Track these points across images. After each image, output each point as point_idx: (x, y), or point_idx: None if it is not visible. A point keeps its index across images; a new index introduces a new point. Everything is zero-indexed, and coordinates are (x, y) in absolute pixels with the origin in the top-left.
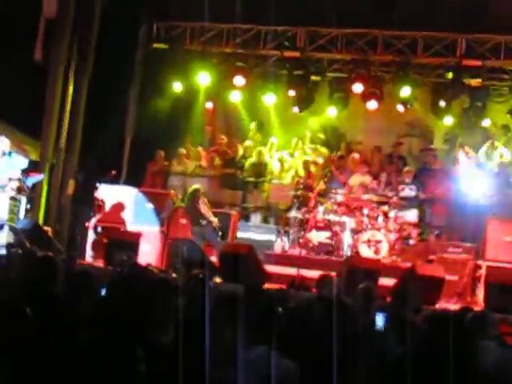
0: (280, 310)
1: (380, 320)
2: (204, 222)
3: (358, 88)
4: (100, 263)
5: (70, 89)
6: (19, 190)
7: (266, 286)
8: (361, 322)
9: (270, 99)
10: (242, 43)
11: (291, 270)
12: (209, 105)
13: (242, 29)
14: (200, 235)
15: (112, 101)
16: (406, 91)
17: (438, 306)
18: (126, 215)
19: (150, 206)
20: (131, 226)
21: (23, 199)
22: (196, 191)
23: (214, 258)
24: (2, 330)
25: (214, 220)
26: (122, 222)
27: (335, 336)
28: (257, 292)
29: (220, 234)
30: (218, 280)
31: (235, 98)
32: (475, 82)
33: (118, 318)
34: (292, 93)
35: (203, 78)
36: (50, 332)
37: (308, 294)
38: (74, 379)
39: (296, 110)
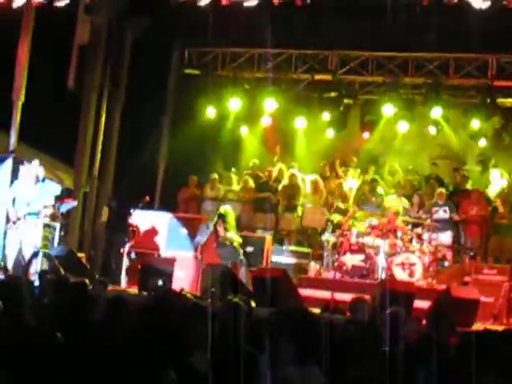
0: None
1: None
2: (226, 242)
3: (388, 110)
4: (134, 289)
5: (103, 116)
6: (53, 217)
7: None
8: (390, 348)
9: (301, 123)
10: (274, 68)
11: (325, 294)
12: (244, 129)
13: (272, 53)
14: (224, 257)
15: (145, 127)
16: (437, 112)
17: (473, 328)
18: (160, 241)
19: (184, 231)
20: (165, 252)
21: (57, 226)
22: (220, 215)
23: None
24: (33, 355)
25: (237, 239)
26: (156, 248)
27: (367, 359)
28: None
29: (241, 252)
30: (252, 304)
31: (266, 122)
32: (507, 102)
33: (152, 343)
34: (326, 116)
35: (235, 104)
36: (83, 357)
37: (342, 317)
38: None
39: (330, 132)
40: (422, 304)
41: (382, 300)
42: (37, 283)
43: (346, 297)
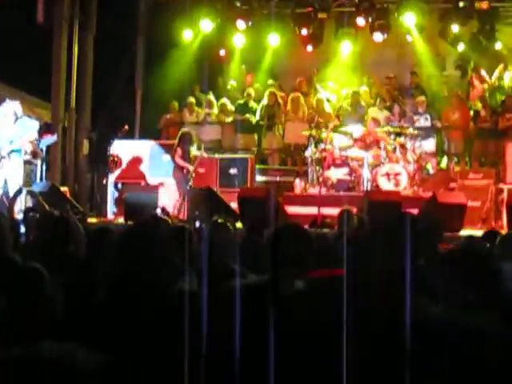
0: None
1: None
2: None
3: (361, 21)
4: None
5: (76, 47)
6: (34, 154)
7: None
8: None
9: (275, 40)
10: None
11: (312, 210)
12: (221, 52)
13: None
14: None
15: (119, 56)
16: (412, 20)
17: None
18: (144, 169)
19: (167, 157)
20: (150, 180)
21: (38, 162)
22: (179, 137)
23: None
24: (18, 292)
25: (190, 168)
26: (141, 177)
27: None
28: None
29: (189, 183)
30: (239, 225)
31: (239, 42)
32: (483, 4)
33: (136, 268)
34: (304, 31)
35: (208, 25)
36: (68, 291)
37: (331, 231)
38: (95, 337)
39: (306, 48)
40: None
41: (369, 211)
42: (22, 221)
43: (333, 211)
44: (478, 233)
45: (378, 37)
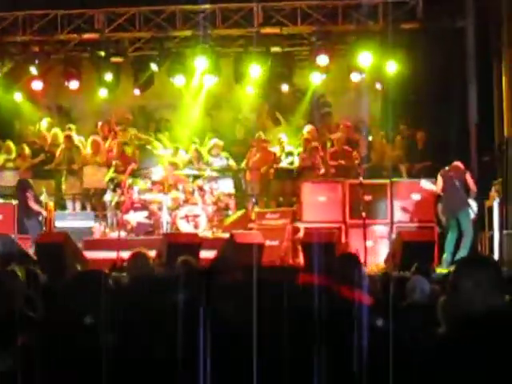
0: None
1: None
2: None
3: (155, 67)
4: None
5: None
6: None
7: None
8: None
9: (73, 84)
10: (39, 30)
11: (112, 254)
12: (18, 96)
13: (37, 15)
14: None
15: None
16: (206, 63)
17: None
18: None
19: None
20: None
21: None
22: (21, 183)
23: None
24: None
25: (43, 213)
26: None
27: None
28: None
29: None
30: (38, 272)
31: (36, 86)
32: (277, 48)
33: None
34: (101, 76)
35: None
36: None
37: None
38: None
39: (103, 92)
40: (208, 254)
41: (168, 254)
42: None
43: None
44: None
45: (177, 80)
